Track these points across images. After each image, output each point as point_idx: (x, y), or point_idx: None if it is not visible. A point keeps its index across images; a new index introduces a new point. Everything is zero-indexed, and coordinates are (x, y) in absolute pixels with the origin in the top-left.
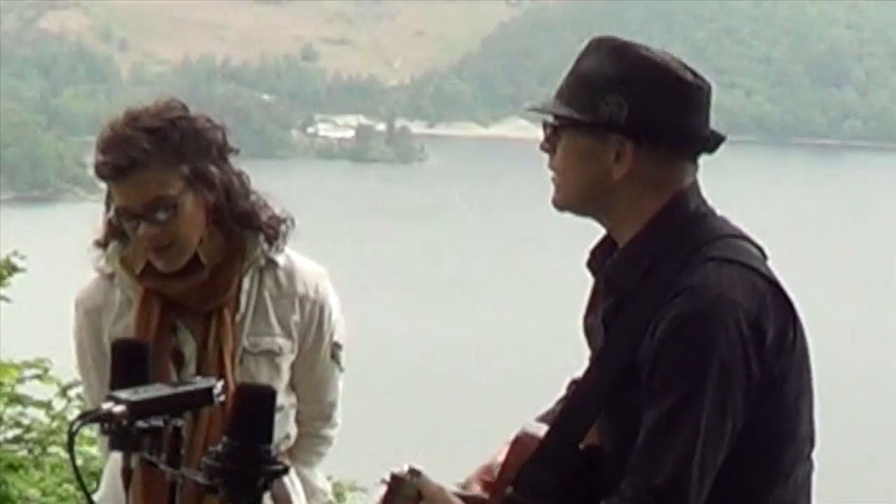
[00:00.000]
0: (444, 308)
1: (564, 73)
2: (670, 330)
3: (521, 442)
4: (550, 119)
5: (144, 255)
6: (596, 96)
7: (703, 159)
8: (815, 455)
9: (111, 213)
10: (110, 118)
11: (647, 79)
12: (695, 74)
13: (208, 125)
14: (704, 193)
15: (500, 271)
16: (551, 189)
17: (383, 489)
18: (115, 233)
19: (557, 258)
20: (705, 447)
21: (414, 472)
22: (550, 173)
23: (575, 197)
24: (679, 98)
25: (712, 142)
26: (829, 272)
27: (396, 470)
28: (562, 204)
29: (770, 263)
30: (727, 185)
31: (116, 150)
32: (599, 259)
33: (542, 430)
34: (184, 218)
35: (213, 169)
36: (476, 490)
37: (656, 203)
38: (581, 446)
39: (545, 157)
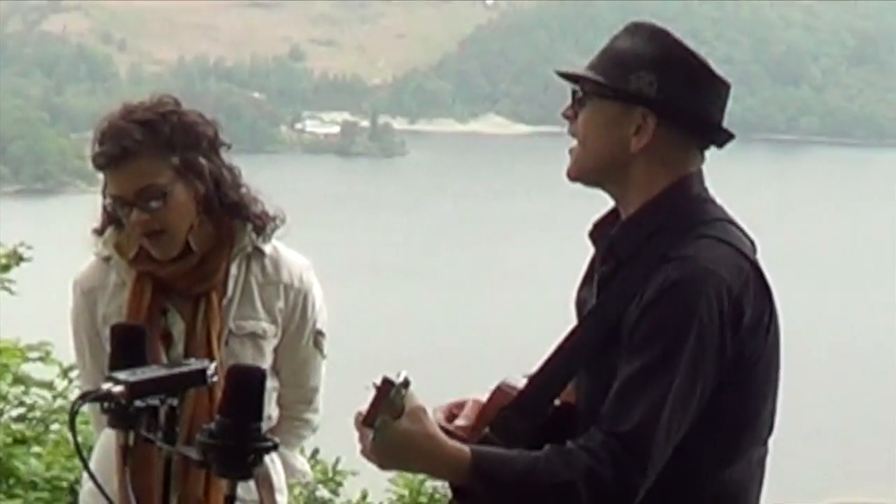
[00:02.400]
0: (423, 293)
1: (598, 50)
2: (656, 293)
3: (500, 390)
4: (579, 85)
5: (137, 241)
6: (629, 70)
7: None
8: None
9: (106, 200)
10: (108, 112)
11: (679, 62)
12: (719, 72)
13: (199, 120)
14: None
15: (475, 259)
16: (524, 182)
17: (373, 392)
18: (111, 220)
19: (529, 246)
20: (674, 406)
21: (405, 383)
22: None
23: (592, 164)
24: (705, 87)
25: (723, 136)
26: (787, 259)
27: (391, 375)
28: (577, 174)
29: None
30: None
31: (111, 141)
32: (602, 230)
33: (521, 382)
34: (174, 206)
35: (203, 160)
36: (440, 416)
37: (664, 181)
38: (557, 402)
39: (520, 151)
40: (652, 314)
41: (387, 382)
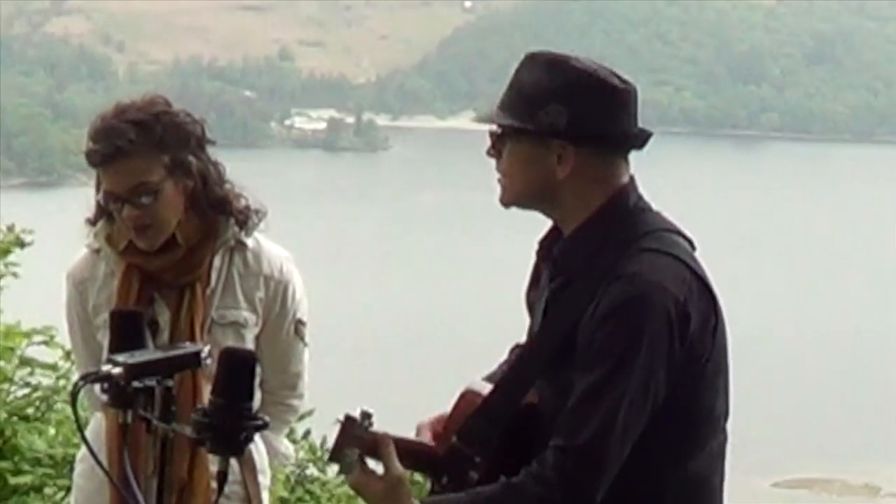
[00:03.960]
0: (405, 280)
1: (505, 86)
2: (607, 311)
3: (466, 398)
4: (495, 128)
5: (127, 234)
6: (536, 106)
7: (637, 154)
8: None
9: (99, 195)
10: (101, 110)
11: (582, 88)
12: (621, 79)
13: (188, 119)
14: (641, 189)
15: (455, 248)
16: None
17: (338, 428)
18: (102, 213)
19: (505, 236)
20: (626, 417)
21: (365, 415)
22: (497, 175)
23: (522, 195)
24: (611, 103)
25: (641, 139)
26: (748, 249)
27: (350, 412)
28: (508, 202)
29: (698, 253)
30: (659, 172)
31: (104, 140)
32: (547, 248)
33: (486, 388)
34: (164, 202)
35: (192, 158)
36: (426, 436)
37: (600, 197)
38: (521, 404)
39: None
40: (603, 330)
41: (349, 419)
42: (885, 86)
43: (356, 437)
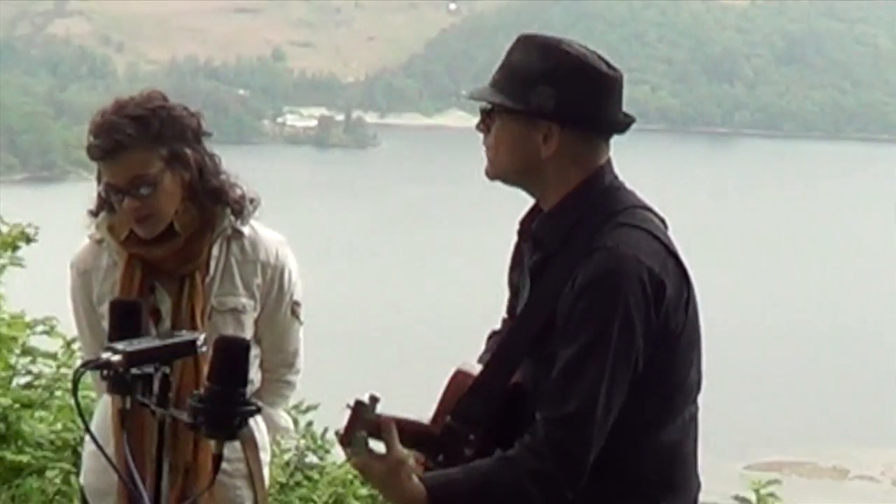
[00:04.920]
0: (393, 271)
1: (497, 65)
2: (585, 283)
3: (457, 378)
4: (485, 104)
5: (128, 224)
6: (527, 88)
7: (617, 144)
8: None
9: (101, 187)
10: (101, 106)
11: (570, 72)
12: (609, 65)
13: (185, 113)
14: (616, 170)
15: (441, 239)
16: (483, 169)
17: (348, 413)
18: (104, 204)
19: (488, 228)
20: (610, 384)
21: (373, 399)
22: (483, 149)
23: (507, 171)
24: (598, 88)
25: (624, 124)
26: (720, 241)
27: (359, 397)
28: (494, 175)
29: (670, 233)
30: (636, 167)
31: (105, 135)
32: (527, 226)
33: (475, 368)
34: (162, 193)
35: (189, 151)
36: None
37: (578, 176)
38: (510, 384)
39: (480, 143)
40: (583, 302)
41: (359, 403)
42: (853, 85)
43: (364, 421)
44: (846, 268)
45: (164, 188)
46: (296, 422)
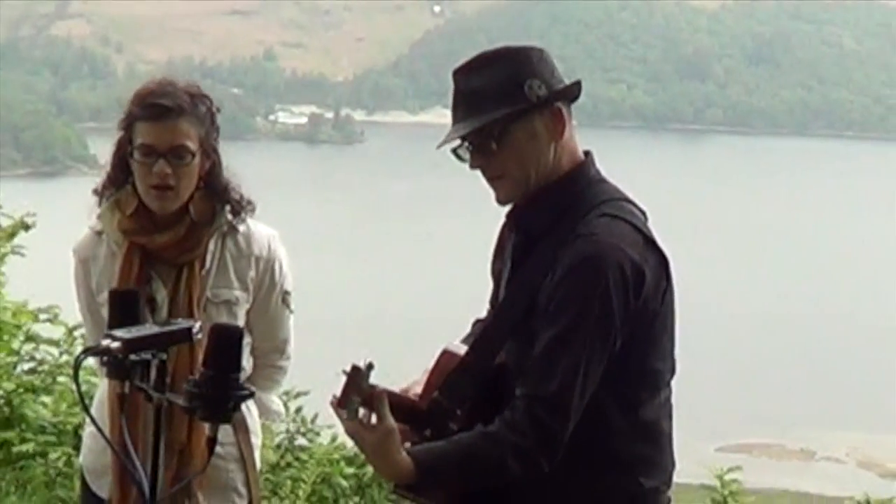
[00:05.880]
0: (377, 262)
1: (456, 104)
2: (567, 268)
3: (445, 357)
4: (492, 129)
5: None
6: (519, 86)
7: (593, 139)
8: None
9: (133, 152)
10: (148, 81)
11: (529, 60)
12: (534, 47)
13: (216, 111)
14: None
15: (425, 231)
16: (463, 165)
17: (344, 378)
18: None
19: (471, 220)
20: (588, 367)
21: (369, 366)
22: (493, 176)
23: (531, 180)
24: (550, 63)
25: (578, 88)
26: (692, 233)
27: (356, 363)
28: (514, 193)
29: (649, 223)
30: (612, 162)
31: (166, 97)
32: (515, 217)
33: (462, 348)
34: (192, 170)
35: (214, 144)
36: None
37: (566, 166)
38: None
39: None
40: (565, 286)
41: (355, 369)
42: (820, 83)
43: (359, 387)
44: (813, 258)
45: (193, 166)
46: (287, 406)
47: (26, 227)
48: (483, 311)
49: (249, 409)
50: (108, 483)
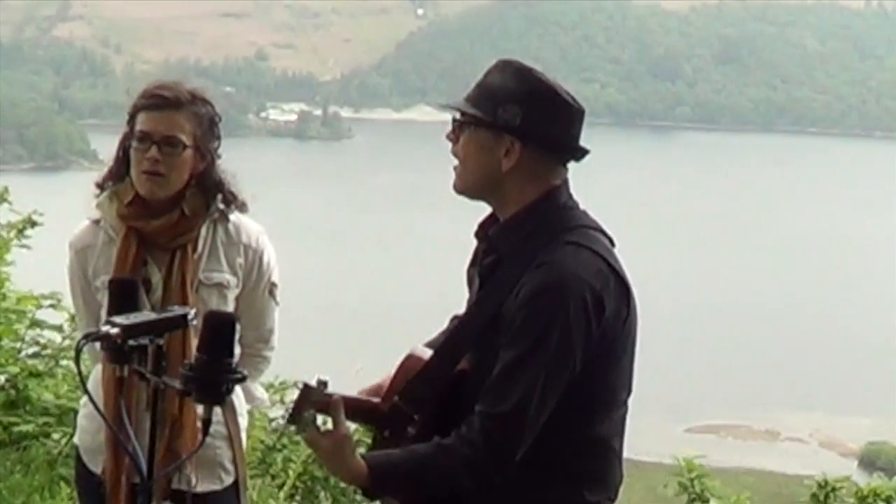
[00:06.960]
0: (363, 253)
1: (474, 83)
2: (529, 294)
3: (408, 362)
4: (458, 115)
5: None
6: (498, 103)
7: None
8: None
9: (127, 143)
10: (152, 81)
11: (539, 96)
12: (574, 100)
13: (217, 119)
14: (572, 190)
15: (408, 224)
16: (449, 161)
17: (296, 393)
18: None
19: (452, 214)
20: (544, 389)
21: (321, 383)
22: (454, 161)
23: (471, 182)
24: (561, 115)
25: (580, 153)
26: (662, 225)
27: (308, 381)
28: (461, 188)
29: (618, 244)
30: (587, 158)
31: (168, 90)
32: (485, 230)
33: (426, 353)
34: (182, 162)
35: (211, 145)
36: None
37: (534, 193)
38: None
39: (444, 133)
40: (527, 311)
41: (307, 387)
42: (784, 82)
43: (312, 402)
44: (777, 249)
45: (183, 159)
46: (282, 397)
47: (33, 224)
48: (463, 306)
49: (237, 393)
50: (103, 460)
